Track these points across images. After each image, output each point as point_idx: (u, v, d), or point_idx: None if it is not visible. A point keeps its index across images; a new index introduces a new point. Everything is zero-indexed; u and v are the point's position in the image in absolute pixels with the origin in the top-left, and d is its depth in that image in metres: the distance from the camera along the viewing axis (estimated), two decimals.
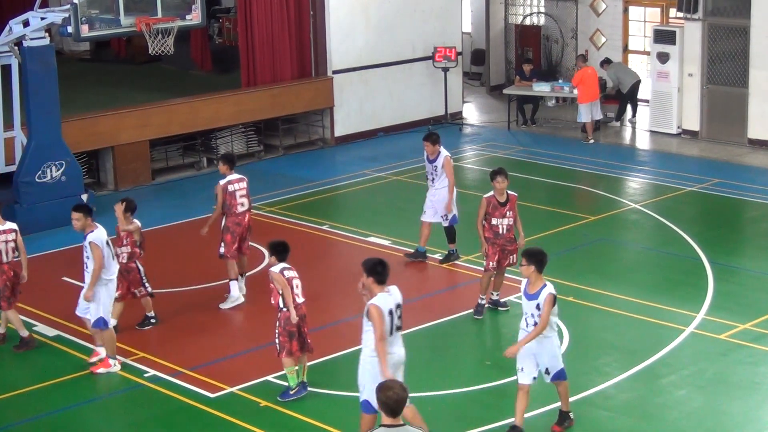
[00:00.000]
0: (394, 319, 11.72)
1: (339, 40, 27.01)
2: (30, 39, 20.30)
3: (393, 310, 11.70)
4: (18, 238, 15.38)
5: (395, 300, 11.68)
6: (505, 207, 15.92)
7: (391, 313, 11.59)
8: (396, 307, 11.76)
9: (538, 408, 13.08)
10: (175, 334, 15.74)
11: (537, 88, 28.01)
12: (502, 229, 15.91)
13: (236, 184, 16.70)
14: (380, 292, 11.60)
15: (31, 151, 20.70)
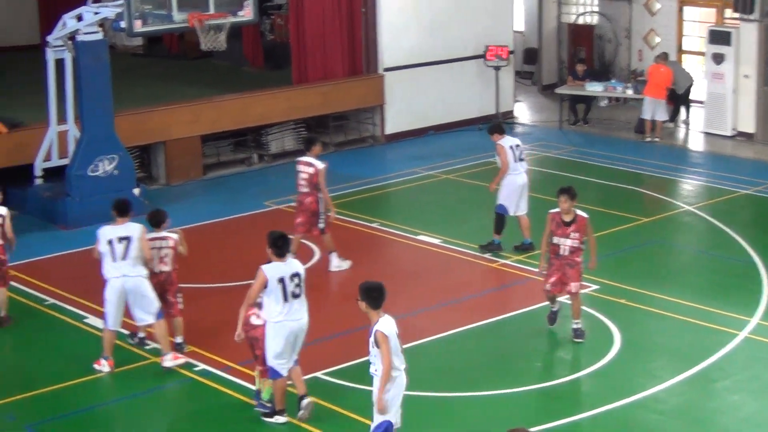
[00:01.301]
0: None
1: (390, 38, 27.00)
2: (83, 33, 20.43)
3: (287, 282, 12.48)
4: (6, 223, 15.82)
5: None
6: (569, 227, 15.07)
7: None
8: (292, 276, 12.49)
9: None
10: (225, 329, 15.75)
11: (590, 88, 27.88)
12: (563, 250, 15.12)
13: (302, 167, 17.83)
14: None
15: (83, 145, 20.84)
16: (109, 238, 14.28)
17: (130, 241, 14.22)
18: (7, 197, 21.50)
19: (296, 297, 12.77)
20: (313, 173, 17.69)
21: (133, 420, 13.43)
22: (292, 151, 25.60)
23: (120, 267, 14.28)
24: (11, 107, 23.63)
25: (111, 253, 14.26)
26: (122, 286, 14.33)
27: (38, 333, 16.02)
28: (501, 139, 18.53)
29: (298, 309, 12.73)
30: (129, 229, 14.34)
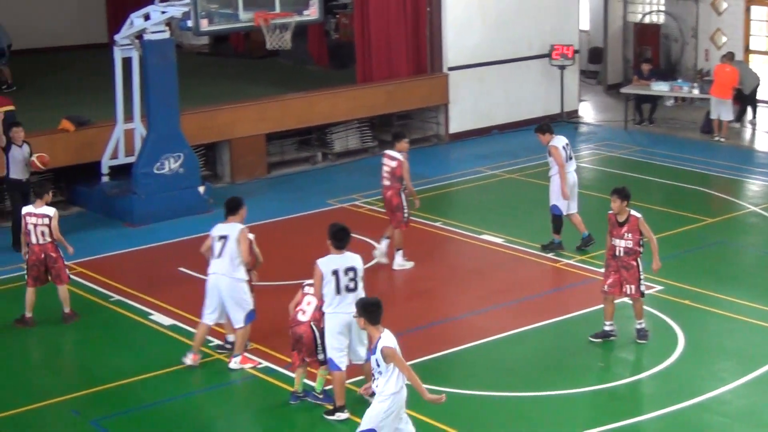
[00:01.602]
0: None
1: (455, 37, 26.95)
2: (150, 32, 20.58)
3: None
4: (53, 223, 15.94)
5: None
6: (623, 228, 14.83)
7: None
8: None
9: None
10: (286, 326, 15.79)
11: (655, 87, 27.66)
12: (618, 251, 14.89)
13: (386, 160, 18.12)
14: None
15: (150, 143, 20.99)
16: (213, 235, 14.39)
17: (226, 240, 14.23)
18: (73, 194, 21.86)
19: (350, 291, 12.85)
20: (395, 166, 17.86)
21: (196, 416, 13.50)
22: (355, 150, 25.68)
23: (215, 264, 14.32)
24: (79, 105, 23.86)
25: (212, 249, 14.36)
26: (216, 284, 14.35)
27: (103, 329, 16.14)
28: (553, 139, 18.43)
29: (351, 303, 12.68)
30: (230, 228, 14.36)
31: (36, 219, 15.93)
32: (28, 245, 16.01)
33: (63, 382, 14.44)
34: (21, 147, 19.15)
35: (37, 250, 15.96)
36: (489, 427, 12.90)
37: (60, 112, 22.66)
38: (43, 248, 15.96)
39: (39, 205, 16.06)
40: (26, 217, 15.98)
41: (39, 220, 15.92)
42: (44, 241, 15.97)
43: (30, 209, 16.05)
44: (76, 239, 19.87)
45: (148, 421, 13.46)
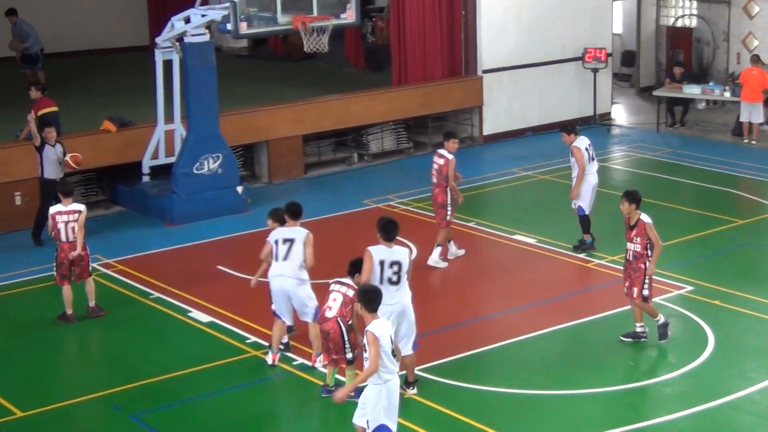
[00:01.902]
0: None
1: (490, 40, 26.93)
2: (191, 35, 20.67)
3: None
4: (81, 219, 16.04)
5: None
6: (632, 231, 14.66)
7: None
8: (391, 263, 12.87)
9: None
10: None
11: (687, 90, 27.55)
12: (629, 254, 14.81)
13: (435, 158, 18.33)
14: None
15: (189, 144, 21.08)
16: (277, 239, 14.36)
17: (293, 243, 14.25)
18: (115, 194, 22.00)
19: (392, 284, 12.96)
20: (443, 164, 17.97)
21: (234, 411, 13.54)
22: (391, 151, 25.71)
23: (280, 267, 14.29)
24: (121, 107, 23.97)
25: (275, 253, 14.34)
26: (281, 286, 14.34)
27: (143, 326, 16.24)
28: (576, 140, 18.44)
29: (393, 295, 12.85)
30: (295, 232, 14.38)
31: (67, 216, 16.01)
32: (57, 243, 16.05)
33: (104, 377, 14.52)
34: (54, 147, 19.30)
35: (67, 248, 16.04)
36: (520, 424, 12.89)
37: (102, 113, 22.79)
38: (73, 246, 16.05)
39: (68, 202, 16.14)
40: (56, 216, 16.01)
41: (70, 217, 16.01)
42: (74, 239, 16.06)
43: (59, 208, 16.10)
44: (118, 237, 20.15)
45: (188, 415, 13.53)
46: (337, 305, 13.05)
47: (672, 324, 15.04)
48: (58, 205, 16.19)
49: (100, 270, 18.40)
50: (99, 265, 18.58)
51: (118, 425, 13.21)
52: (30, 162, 19.86)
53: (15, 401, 13.76)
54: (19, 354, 15.57)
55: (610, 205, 21.17)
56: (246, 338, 15.35)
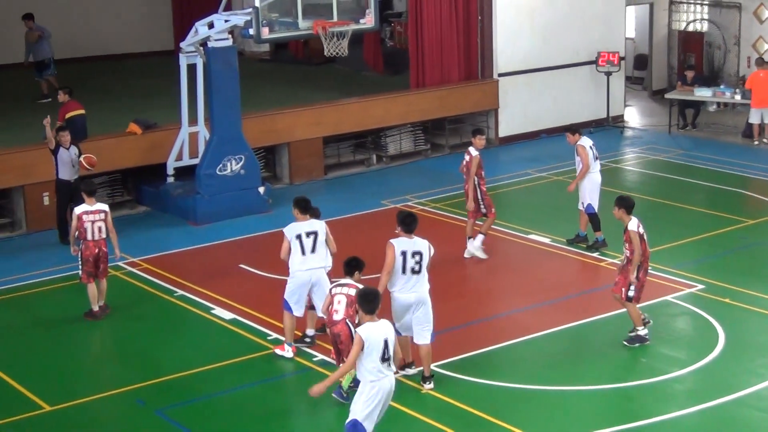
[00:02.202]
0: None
1: (505, 44, 26.91)
2: (214, 40, 20.70)
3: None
4: (108, 219, 16.15)
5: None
6: (624, 236, 14.72)
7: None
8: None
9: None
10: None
11: (698, 93, 27.47)
12: (622, 258, 14.96)
13: (466, 155, 18.56)
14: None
15: (213, 146, 21.12)
16: (298, 234, 14.44)
17: (317, 236, 14.45)
18: (140, 194, 22.08)
19: (415, 273, 13.31)
20: (468, 160, 18.22)
21: (256, 406, 13.57)
22: (409, 153, 25.72)
23: (310, 260, 14.44)
24: (146, 109, 24.06)
25: (300, 247, 14.42)
26: (310, 278, 14.49)
27: (167, 322, 16.30)
28: (580, 139, 18.62)
29: (414, 284, 13.30)
30: (315, 225, 14.55)
31: (93, 216, 16.08)
32: (82, 242, 16.11)
33: (129, 372, 14.56)
34: (69, 149, 19.38)
35: (92, 246, 16.10)
36: (533, 419, 12.87)
37: (128, 116, 22.88)
38: (98, 244, 16.14)
39: (92, 202, 16.21)
40: (82, 215, 16.04)
41: (96, 217, 16.09)
42: (99, 238, 16.14)
43: (85, 207, 16.14)
44: (143, 237, 20.20)
45: (211, 410, 13.56)
46: (343, 307, 13.03)
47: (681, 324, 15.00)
48: (84, 205, 16.21)
49: (125, 268, 18.47)
50: (125, 264, 18.64)
51: (142, 420, 13.25)
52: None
53: (43, 396, 13.81)
54: (47, 350, 15.63)
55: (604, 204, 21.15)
56: (267, 335, 15.38)
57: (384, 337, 11.21)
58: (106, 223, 16.15)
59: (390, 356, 11.26)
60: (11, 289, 17.72)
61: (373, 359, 11.14)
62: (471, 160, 18.19)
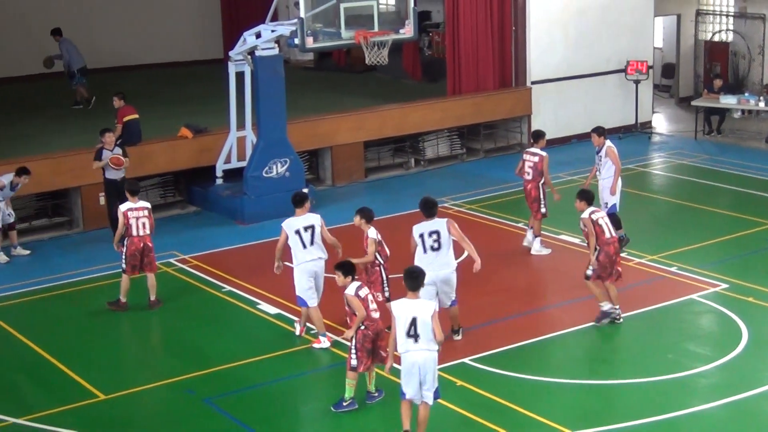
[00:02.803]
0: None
1: (538, 53, 26.82)
2: (261, 49, 20.75)
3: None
4: (150, 215, 16.43)
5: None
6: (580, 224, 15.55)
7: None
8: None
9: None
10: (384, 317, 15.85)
11: (724, 100, 27.27)
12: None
13: (529, 156, 18.45)
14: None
15: (259, 149, 21.17)
16: (296, 228, 14.68)
17: (314, 229, 14.74)
18: (191, 195, 22.18)
19: (434, 250, 14.16)
20: (538, 161, 18.20)
21: (301, 396, 13.62)
22: (445, 157, 25.69)
23: (311, 252, 14.71)
24: (197, 115, 24.14)
25: (300, 241, 14.67)
26: (315, 269, 14.75)
27: (216, 316, 16.33)
28: (608, 142, 18.54)
29: (434, 260, 14.13)
30: (311, 218, 14.84)
31: (137, 213, 16.30)
32: (128, 238, 16.29)
33: (179, 363, 14.61)
34: (112, 151, 19.48)
35: (137, 241, 16.28)
36: (562, 411, 12.80)
37: (180, 121, 22.99)
38: (142, 239, 16.31)
39: (135, 200, 16.42)
40: (127, 212, 16.27)
41: (140, 213, 16.30)
42: (144, 233, 16.32)
43: (129, 205, 16.36)
44: (193, 235, 20.30)
45: (257, 399, 13.59)
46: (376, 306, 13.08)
47: (706, 322, 14.87)
48: (128, 203, 16.42)
49: (176, 265, 18.56)
50: (175, 261, 18.75)
51: (192, 408, 13.30)
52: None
53: (98, 385, 13.90)
54: (102, 342, 15.73)
55: (651, 208, 21.11)
56: (310, 329, 15.38)
57: (412, 315, 11.51)
58: (149, 219, 16.34)
59: (416, 334, 11.50)
60: (69, 284, 17.84)
61: (399, 333, 11.61)
62: (542, 160, 18.28)
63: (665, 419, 12.48)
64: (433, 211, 14.36)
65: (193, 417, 13.09)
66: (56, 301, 17.23)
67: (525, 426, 12.45)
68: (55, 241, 20.32)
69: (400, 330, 11.56)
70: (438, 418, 12.59)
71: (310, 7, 19.85)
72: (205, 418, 13.05)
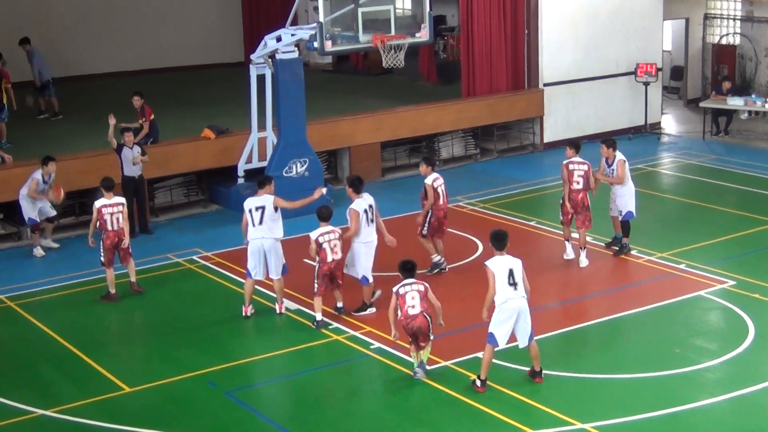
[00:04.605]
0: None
1: (550, 56, 26.77)
2: (282, 52, 20.77)
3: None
4: (124, 210, 16.71)
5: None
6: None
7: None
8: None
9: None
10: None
11: (731, 102, 27.17)
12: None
13: (577, 166, 17.68)
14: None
15: (280, 150, 21.20)
16: (250, 207, 15.64)
17: (264, 210, 15.58)
18: (213, 194, 22.23)
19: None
20: (586, 169, 17.60)
21: (319, 389, 13.60)
22: (460, 157, 25.67)
23: (257, 231, 15.67)
24: (219, 116, 24.19)
25: (251, 220, 15.67)
26: (260, 246, 15.71)
27: (236, 311, 16.30)
28: (618, 155, 17.95)
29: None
30: (264, 200, 15.79)
31: (112, 209, 16.65)
32: (103, 232, 16.62)
33: (201, 357, 14.63)
34: (132, 149, 19.83)
35: (112, 236, 16.62)
36: (573, 405, 12.77)
37: (202, 122, 23.04)
38: (117, 233, 16.64)
39: (110, 196, 16.69)
40: (102, 208, 16.58)
41: (114, 209, 16.64)
42: (118, 227, 16.65)
43: (103, 201, 16.68)
44: (215, 233, 20.36)
45: (276, 393, 13.65)
46: (418, 302, 13.24)
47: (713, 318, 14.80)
48: (102, 199, 16.72)
49: (199, 262, 18.60)
50: (198, 258, 18.80)
51: (213, 400, 13.32)
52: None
53: (123, 378, 13.94)
54: (126, 336, 15.81)
55: (660, 206, 21.04)
56: (329, 324, 15.40)
57: (509, 266, 12.86)
58: (122, 213, 16.65)
59: (516, 282, 12.83)
60: (96, 280, 17.86)
61: (499, 285, 12.77)
62: (590, 168, 17.59)
63: (673, 413, 12.45)
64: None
65: (214, 409, 13.10)
66: (84, 296, 17.28)
67: (537, 418, 12.43)
68: (82, 238, 20.35)
69: (499, 282, 12.74)
70: (451, 410, 12.61)
71: (329, 11, 19.86)
72: (226, 410, 13.07)
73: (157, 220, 21.22)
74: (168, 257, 18.90)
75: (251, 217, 15.69)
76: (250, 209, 15.71)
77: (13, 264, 19.07)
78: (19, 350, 15.28)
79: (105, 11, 32.36)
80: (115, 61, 28.56)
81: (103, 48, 28.08)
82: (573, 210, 17.75)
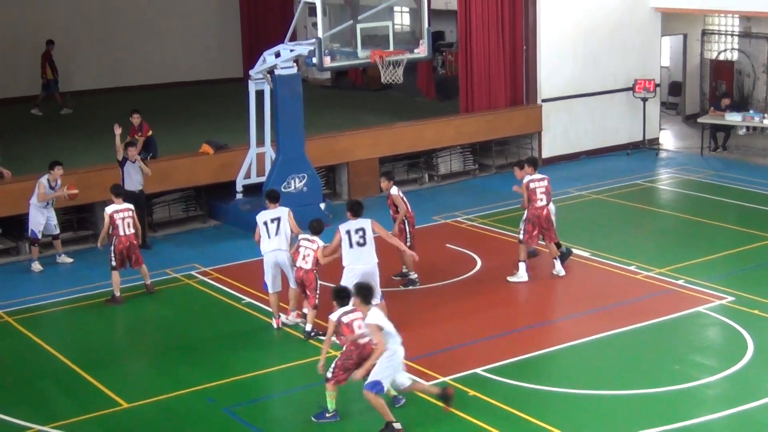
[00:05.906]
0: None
1: (548, 72, 26.79)
2: (280, 68, 20.79)
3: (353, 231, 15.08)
4: (134, 216, 17.21)
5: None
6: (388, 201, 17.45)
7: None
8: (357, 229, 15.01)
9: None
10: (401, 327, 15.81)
11: (729, 117, 27.19)
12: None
13: (537, 183, 17.88)
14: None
15: (278, 165, 21.19)
16: (264, 220, 15.84)
17: (279, 221, 15.87)
18: (212, 209, 22.22)
19: (360, 246, 14.90)
20: (547, 185, 18.04)
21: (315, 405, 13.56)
22: (458, 173, 25.66)
23: (273, 242, 15.85)
24: (218, 132, 24.20)
25: (266, 232, 15.85)
26: (275, 258, 15.85)
27: (235, 327, 16.31)
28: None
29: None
30: (279, 212, 16.00)
31: (122, 214, 17.13)
32: (115, 237, 17.03)
33: (199, 373, 14.59)
34: (134, 163, 19.88)
35: (124, 240, 17.06)
36: (572, 421, 12.75)
37: (201, 138, 23.05)
38: (128, 238, 17.11)
39: (119, 202, 17.17)
40: (113, 214, 17.08)
41: (125, 214, 17.10)
42: (129, 232, 17.13)
43: (114, 207, 17.18)
44: (214, 248, 20.33)
45: (274, 409, 13.63)
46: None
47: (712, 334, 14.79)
48: (113, 205, 17.20)
49: (197, 277, 18.58)
50: (197, 273, 18.78)
51: (212, 416, 13.29)
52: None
53: (122, 394, 13.91)
54: (125, 352, 15.76)
55: (658, 222, 21.04)
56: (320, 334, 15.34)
57: (385, 319, 12.42)
58: (132, 219, 17.13)
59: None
60: (93, 295, 17.85)
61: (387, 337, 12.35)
62: (549, 182, 18.11)
63: (672, 429, 12.42)
64: (360, 212, 15.13)
65: (213, 425, 13.07)
66: (81, 312, 17.26)
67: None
68: (80, 254, 20.34)
69: (388, 333, 12.38)
70: (451, 428, 12.57)
71: (328, 27, 19.87)
72: (224, 426, 13.03)
73: (155, 235, 21.20)
74: (166, 272, 18.87)
75: (267, 229, 15.88)
76: (265, 221, 15.90)
77: (11, 279, 19.06)
78: (17, 366, 15.25)
79: (105, 27, 32.38)
80: (114, 77, 28.57)
81: (103, 63, 28.09)
82: (539, 226, 17.75)
